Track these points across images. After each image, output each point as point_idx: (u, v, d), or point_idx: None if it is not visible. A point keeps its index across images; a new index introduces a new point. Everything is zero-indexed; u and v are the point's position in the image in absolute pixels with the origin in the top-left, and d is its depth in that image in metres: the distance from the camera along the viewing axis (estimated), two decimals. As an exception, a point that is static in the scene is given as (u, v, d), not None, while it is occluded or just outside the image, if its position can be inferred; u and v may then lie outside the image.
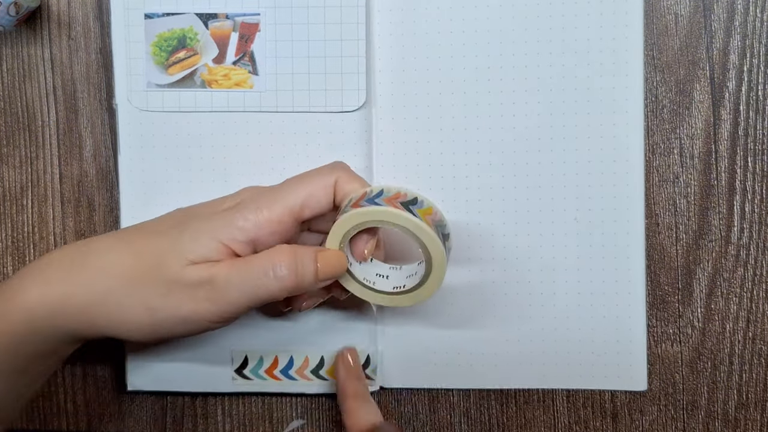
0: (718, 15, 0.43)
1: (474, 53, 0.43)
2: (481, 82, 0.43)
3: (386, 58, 0.43)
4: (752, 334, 0.44)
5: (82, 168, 0.45)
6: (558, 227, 0.43)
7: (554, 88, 0.43)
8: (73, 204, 0.46)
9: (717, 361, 0.44)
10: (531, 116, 0.43)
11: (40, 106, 0.45)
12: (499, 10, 0.43)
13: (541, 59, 0.43)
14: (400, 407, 0.46)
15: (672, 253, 0.44)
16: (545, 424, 0.45)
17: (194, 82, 0.43)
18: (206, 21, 0.43)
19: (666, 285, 0.44)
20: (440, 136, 0.43)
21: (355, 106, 0.43)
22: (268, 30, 0.43)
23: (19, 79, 0.45)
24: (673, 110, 0.44)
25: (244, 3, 0.43)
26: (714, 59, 0.43)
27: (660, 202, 0.44)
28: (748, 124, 0.43)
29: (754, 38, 0.43)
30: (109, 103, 0.45)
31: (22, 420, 0.46)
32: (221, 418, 0.46)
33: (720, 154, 0.43)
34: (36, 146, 0.45)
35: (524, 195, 0.42)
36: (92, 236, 0.40)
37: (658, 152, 0.44)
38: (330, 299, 0.41)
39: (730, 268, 0.44)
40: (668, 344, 0.44)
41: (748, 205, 0.43)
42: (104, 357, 0.46)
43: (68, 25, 0.45)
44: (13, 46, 0.45)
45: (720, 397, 0.44)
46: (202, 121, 0.44)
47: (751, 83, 0.43)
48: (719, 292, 0.44)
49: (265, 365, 0.44)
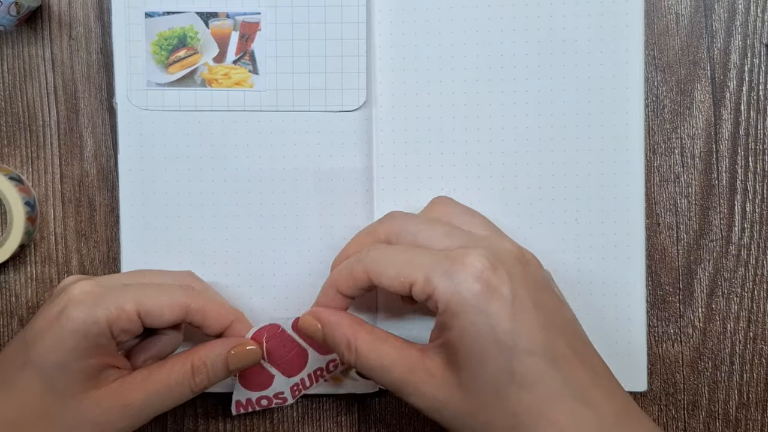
0: (719, 15, 0.43)
1: (474, 53, 0.43)
2: (481, 82, 0.43)
3: (387, 58, 0.43)
4: (753, 334, 0.44)
5: (82, 168, 0.45)
6: (558, 227, 0.43)
7: (555, 88, 0.43)
8: (73, 204, 0.46)
9: (718, 361, 0.44)
10: (531, 116, 0.43)
11: (41, 105, 0.45)
12: (499, 10, 0.43)
13: (542, 59, 0.43)
14: (401, 407, 0.46)
15: (673, 253, 0.44)
16: (546, 424, 0.45)
17: (194, 81, 0.43)
18: (207, 20, 0.43)
19: (667, 285, 0.44)
20: (440, 135, 0.43)
21: (355, 106, 0.43)
22: (268, 29, 0.43)
23: (20, 79, 0.45)
24: (673, 110, 0.43)
25: (245, 2, 0.43)
26: (715, 59, 0.43)
27: (661, 202, 0.44)
28: (749, 123, 0.43)
29: (755, 38, 0.43)
30: (109, 103, 0.45)
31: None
32: (221, 418, 0.46)
33: (721, 153, 0.43)
34: (37, 146, 0.45)
35: (524, 195, 0.42)
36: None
37: (659, 152, 0.44)
38: None
39: (731, 268, 0.44)
40: (669, 344, 0.44)
41: (749, 204, 0.43)
42: (104, 357, 0.46)
43: (69, 24, 0.45)
44: (14, 46, 0.45)
45: (721, 397, 0.44)
46: (202, 120, 0.44)
47: (752, 83, 0.43)
48: (720, 292, 0.44)
49: None
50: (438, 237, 0.35)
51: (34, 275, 0.46)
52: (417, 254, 0.34)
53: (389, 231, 0.37)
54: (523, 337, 0.32)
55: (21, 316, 0.46)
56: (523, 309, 0.32)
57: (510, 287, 0.32)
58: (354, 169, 0.43)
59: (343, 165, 0.43)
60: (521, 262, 0.35)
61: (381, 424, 0.46)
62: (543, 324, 0.33)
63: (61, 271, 0.46)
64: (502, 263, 0.33)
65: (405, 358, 0.34)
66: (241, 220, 0.44)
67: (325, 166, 0.43)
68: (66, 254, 0.46)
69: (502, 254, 0.34)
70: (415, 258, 0.34)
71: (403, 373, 0.34)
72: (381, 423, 0.46)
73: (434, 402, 0.33)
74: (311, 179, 0.44)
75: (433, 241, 0.35)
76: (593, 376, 0.33)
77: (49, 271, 0.46)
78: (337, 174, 0.43)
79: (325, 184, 0.44)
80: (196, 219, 0.44)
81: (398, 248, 0.36)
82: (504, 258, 0.34)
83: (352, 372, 0.44)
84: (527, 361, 0.32)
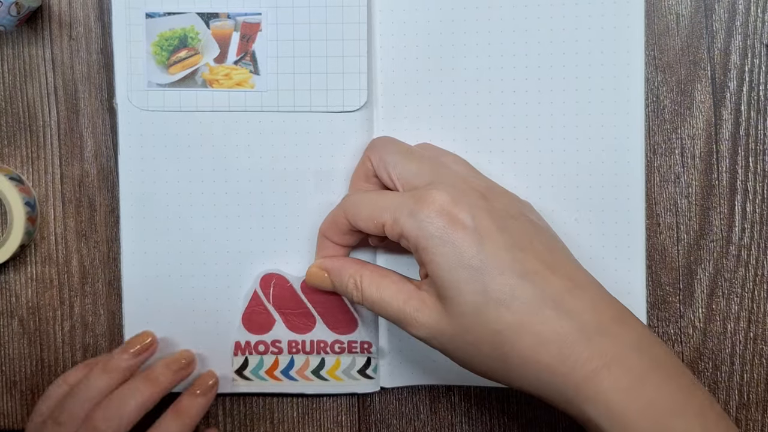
0: (720, 15, 0.43)
1: (475, 53, 0.43)
2: (482, 82, 0.43)
3: (387, 58, 0.43)
4: (753, 334, 0.44)
5: (83, 168, 0.45)
6: (558, 227, 0.42)
7: (555, 88, 0.43)
8: (74, 204, 0.46)
9: (718, 361, 0.44)
10: (532, 116, 0.43)
11: (41, 106, 0.45)
12: (499, 11, 0.43)
13: (542, 60, 0.43)
14: (401, 407, 0.46)
15: (673, 253, 0.44)
16: (546, 423, 0.45)
17: (195, 81, 0.43)
18: (207, 20, 0.43)
19: (667, 285, 0.44)
20: (441, 135, 0.43)
21: (356, 106, 0.43)
22: (269, 29, 0.43)
23: (20, 79, 0.45)
24: (674, 110, 0.44)
25: (246, 2, 0.43)
26: (715, 59, 0.43)
27: (661, 202, 0.44)
28: (750, 124, 0.43)
29: (755, 38, 0.43)
30: (110, 103, 0.45)
31: (23, 420, 0.46)
32: (222, 419, 0.46)
33: (721, 154, 0.43)
34: (37, 146, 0.45)
35: (525, 195, 0.42)
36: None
37: (659, 152, 0.44)
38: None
39: (732, 268, 0.44)
40: (669, 344, 0.44)
41: (750, 205, 0.43)
42: (105, 357, 0.46)
43: (69, 25, 0.45)
44: (14, 46, 0.45)
45: (721, 398, 0.44)
46: (203, 121, 0.44)
47: (752, 83, 0.43)
48: (720, 293, 0.44)
49: (265, 366, 0.44)
50: (409, 175, 0.38)
51: (34, 275, 0.46)
52: (385, 197, 0.37)
53: (374, 160, 0.40)
54: (490, 259, 0.34)
55: (21, 316, 0.46)
56: (488, 234, 0.35)
57: (471, 217, 0.35)
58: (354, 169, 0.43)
59: (344, 165, 0.43)
60: (485, 197, 0.36)
61: (381, 424, 0.46)
62: (510, 245, 0.35)
63: (62, 272, 0.46)
64: (464, 196, 0.36)
65: (402, 292, 0.37)
66: (242, 220, 0.44)
67: (326, 166, 0.43)
68: (66, 254, 0.46)
69: (465, 189, 0.36)
70: (382, 200, 0.37)
71: (400, 306, 0.37)
72: (381, 423, 0.46)
73: (429, 329, 0.36)
74: (312, 180, 0.44)
75: (404, 180, 0.38)
76: (572, 287, 0.35)
77: (49, 271, 0.46)
78: (338, 174, 0.43)
79: (326, 184, 0.44)
80: (196, 219, 0.44)
81: (370, 193, 0.39)
82: (466, 192, 0.36)
83: (353, 372, 0.44)
84: (499, 280, 0.34)
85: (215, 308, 0.44)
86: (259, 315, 0.44)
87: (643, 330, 0.35)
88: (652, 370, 0.33)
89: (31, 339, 0.46)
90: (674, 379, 0.34)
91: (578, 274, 0.36)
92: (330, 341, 0.44)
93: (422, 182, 0.37)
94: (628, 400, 0.32)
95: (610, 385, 0.33)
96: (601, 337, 0.33)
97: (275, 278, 0.44)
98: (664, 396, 0.33)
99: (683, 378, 0.34)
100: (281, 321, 0.44)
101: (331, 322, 0.44)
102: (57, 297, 0.46)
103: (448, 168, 0.39)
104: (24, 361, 0.46)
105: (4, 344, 0.46)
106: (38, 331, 0.46)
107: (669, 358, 0.35)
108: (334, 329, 0.44)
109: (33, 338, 0.46)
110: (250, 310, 0.44)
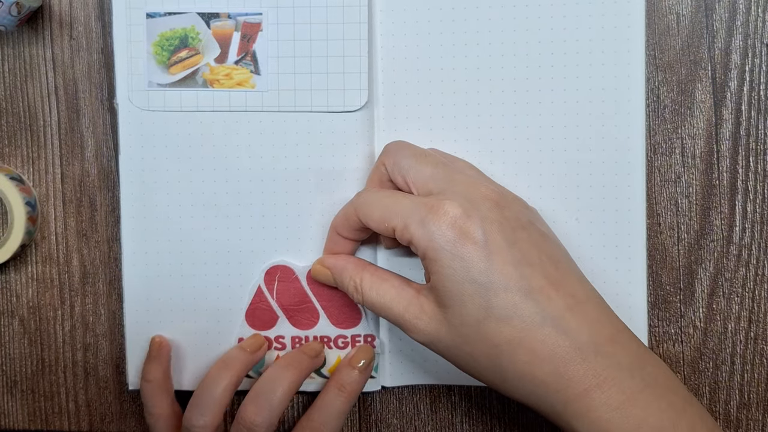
0: (720, 15, 0.43)
1: (475, 53, 0.43)
2: (482, 82, 0.43)
3: (388, 58, 0.43)
4: (754, 334, 0.44)
5: (83, 168, 0.45)
6: (559, 227, 0.43)
7: (555, 88, 0.43)
8: (74, 204, 0.46)
9: (719, 361, 0.44)
10: (532, 116, 0.43)
11: (42, 105, 0.45)
12: (500, 11, 0.43)
13: (543, 59, 0.43)
14: (402, 407, 0.46)
15: (673, 253, 0.44)
16: (546, 423, 0.45)
17: (196, 81, 0.43)
18: (208, 20, 0.43)
19: (667, 285, 0.44)
20: (441, 135, 0.43)
21: (357, 106, 0.43)
22: (270, 29, 0.43)
23: (21, 79, 0.45)
24: (674, 110, 0.44)
25: (246, 2, 0.43)
26: (716, 59, 0.43)
27: (661, 202, 0.44)
28: (750, 124, 0.43)
29: (755, 38, 0.43)
30: (110, 103, 0.45)
31: (23, 420, 0.47)
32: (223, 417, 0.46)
33: (722, 153, 0.43)
34: (37, 146, 0.45)
35: (525, 195, 0.42)
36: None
37: (660, 152, 0.44)
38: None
39: (732, 268, 0.44)
40: (670, 344, 0.44)
41: (750, 205, 0.43)
42: (106, 357, 0.46)
43: (70, 25, 0.45)
44: (15, 46, 0.45)
45: (722, 398, 0.44)
46: (203, 121, 0.44)
47: (752, 83, 0.43)
48: (721, 292, 0.44)
49: (267, 363, 0.44)
50: (423, 179, 0.38)
51: (34, 275, 0.46)
52: (398, 200, 0.37)
53: (388, 165, 0.40)
54: (497, 275, 0.34)
55: (22, 316, 0.46)
56: (497, 249, 0.35)
57: (483, 231, 0.35)
58: (356, 169, 0.43)
59: (344, 165, 0.43)
60: (498, 205, 0.36)
61: (381, 424, 0.46)
62: (517, 260, 0.35)
63: (62, 271, 0.46)
64: (476, 209, 0.36)
65: (402, 297, 0.37)
66: (242, 220, 0.44)
67: (327, 166, 0.43)
68: (67, 254, 0.46)
69: (477, 200, 0.36)
70: (395, 204, 0.37)
71: (401, 311, 0.37)
72: (381, 423, 0.46)
73: (428, 336, 0.36)
74: (313, 179, 0.44)
75: (418, 184, 0.38)
76: (574, 304, 0.35)
77: (49, 271, 0.46)
78: (339, 174, 0.43)
79: (326, 184, 0.44)
80: (197, 219, 0.44)
81: (384, 193, 0.39)
82: (478, 203, 0.36)
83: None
84: (503, 297, 0.34)
85: (216, 307, 0.44)
86: (263, 311, 0.44)
87: (638, 349, 0.36)
88: (645, 389, 0.34)
89: (32, 339, 0.46)
90: (665, 398, 0.34)
91: (580, 290, 0.36)
92: (334, 336, 0.44)
93: (436, 187, 0.37)
94: (618, 418, 0.33)
95: (600, 403, 0.33)
96: (596, 356, 0.34)
97: (280, 270, 0.44)
98: (653, 414, 0.33)
99: (676, 395, 0.35)
100: (284, 317, 0.44)
101: (335, 316, 0.44)
102: (57, 297, 0.46)
103: (462, 173, 0.39)
104: (24, 361, 0.46)
105: (5, 344, 0.46)
106: (39, 331, 0.46)
107: (663, 375, 0.35)
108: (337, 324, 0.44)
109: (33, 338, 0.46)
110: (253, 306, 0.44)
